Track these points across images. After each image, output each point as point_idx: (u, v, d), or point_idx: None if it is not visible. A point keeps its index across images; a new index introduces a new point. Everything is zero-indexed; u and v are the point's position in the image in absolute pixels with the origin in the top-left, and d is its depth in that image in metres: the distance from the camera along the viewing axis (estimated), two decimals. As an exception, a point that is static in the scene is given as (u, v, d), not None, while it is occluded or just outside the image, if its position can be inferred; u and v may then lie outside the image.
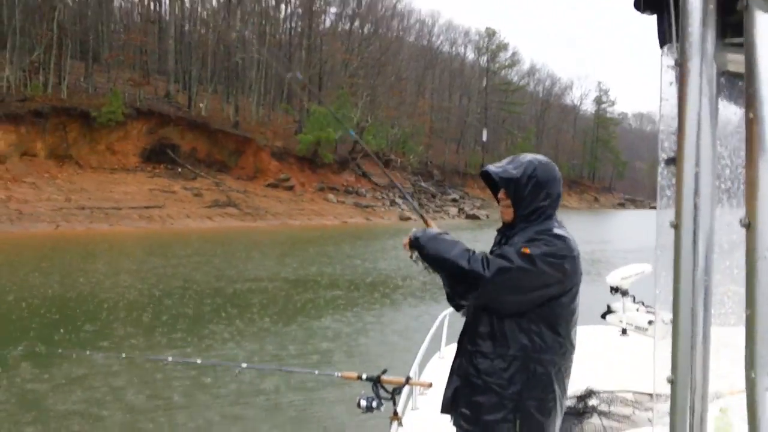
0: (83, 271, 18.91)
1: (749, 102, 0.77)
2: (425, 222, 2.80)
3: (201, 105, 51.90)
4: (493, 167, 2.65)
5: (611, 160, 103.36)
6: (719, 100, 0.93)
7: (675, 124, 0.95)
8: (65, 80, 43.97)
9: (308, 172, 53.33)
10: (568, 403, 3.40)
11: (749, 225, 0.75)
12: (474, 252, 2.46)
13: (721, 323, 1.01)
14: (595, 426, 3.40)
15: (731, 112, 0.85)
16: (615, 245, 31.29)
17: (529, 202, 2.56)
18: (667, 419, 0.98)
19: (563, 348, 2.53)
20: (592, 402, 3.64)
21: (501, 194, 2.63)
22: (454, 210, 57.12)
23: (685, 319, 0.94)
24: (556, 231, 2.53)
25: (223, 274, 18.87)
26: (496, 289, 2.42)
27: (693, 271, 0.94)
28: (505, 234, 2.65)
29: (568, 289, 2.51)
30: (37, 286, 15.91)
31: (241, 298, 15.22)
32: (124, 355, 5.42)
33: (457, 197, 63.19)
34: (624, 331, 5.59)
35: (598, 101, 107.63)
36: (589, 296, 2.99)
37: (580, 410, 3.56)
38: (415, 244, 2.57)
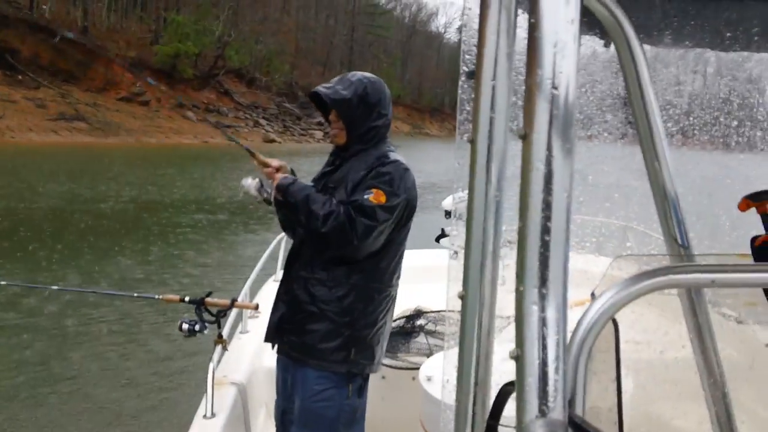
0: None
1: (532, 6, 0.75)
2: (255, 158, 2.63)
3: (44, 6, 47.07)
4: (322, 88, 2.51)
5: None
6: (519, 11, 0.90)
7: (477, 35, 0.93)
8: None
9: (165, 87, 50.57)
10: (399, 323, 3.52)
11: (525, 136, 0.73)
12: (339, 212, 2.33)
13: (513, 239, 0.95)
14: (421, 344, 3.45)
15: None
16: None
17: (362, 122, 2.47)
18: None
19: (398, 273, 2.54)
20: (420, 321, 3.67)
21: (332, 116, 2.51)
22: (319, 134, 56.68)
23: (476, 234, 0.94)
24: (393, 156, 2.48)
25: (68, 195, 17.99)
26: (361, 248, 2.37)
27: (486, 186, 0.93)
28: (339, 155, 2.55)
29: (411, 217, 2.52)
30: None
31: (84, 222, 14.57)
32: None
33: (323, 120, 62.47)
34: (456, 254, 5.79)
35: (462, 30, 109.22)
36: (428, 222, 3.04)
37: (408, 330, 3.60)
38: (284, 190, 2.46)
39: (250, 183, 2.56)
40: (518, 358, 0.72)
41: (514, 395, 0.75)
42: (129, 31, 54.34)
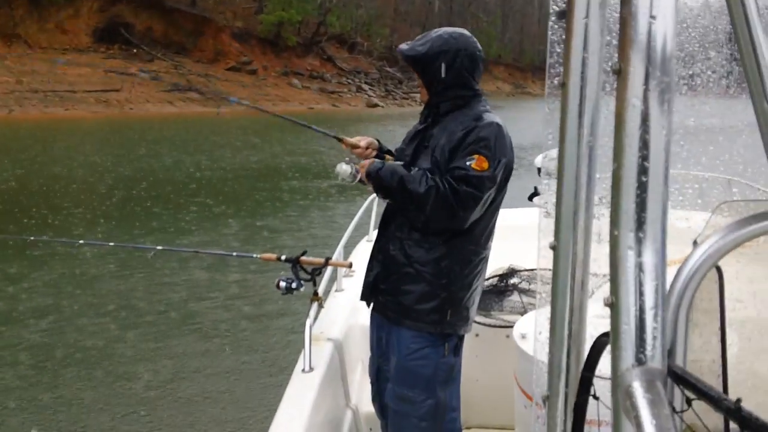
0: (35, 161, 18.81)
1: None
2: (343, 142, 2.64)
3: (155, -19, 49.18)
4: (403, 46, 2.48)
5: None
6: None
7: None
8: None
9: (271, 55, 51.74)
10: (492, 281, 3.50)
11: (620, 70, 0.69)
12: (440, 186, 2.29)
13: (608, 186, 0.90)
14: (514, 303, 3.42)
15: None
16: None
17: (440, 79, 2.38)
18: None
19: (492, 234, 2.52)
20: (513, 280, 3.63)
21: (416, 73, 2.48)
22: (420, 96, 56.47)
23: (569, 181, 0.90)
24: (489, 117, 2.39)
25: (182, 162, 18.95)
26: (466, 219, 2.34)
27: (578, 130, 0.88)
28: (431, 113, 2.49)
29: (508, 179, 2.48)
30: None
31: (196, 186, 15.37)
32: (32, 238, 5.37)
33: (423, 83, 62.20)
34: (548, 213, 5.51)
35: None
36: (522, 180, 2.90)
37: (502, 288, 3.55)
38: (374, 177, 2.43)
39: (344, 169, 2.55)
40: (613, 305, 0.70)
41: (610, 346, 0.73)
42: (235, 1, 55.85)
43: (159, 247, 3.72)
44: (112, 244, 4.39)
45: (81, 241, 4.39)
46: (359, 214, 4.58)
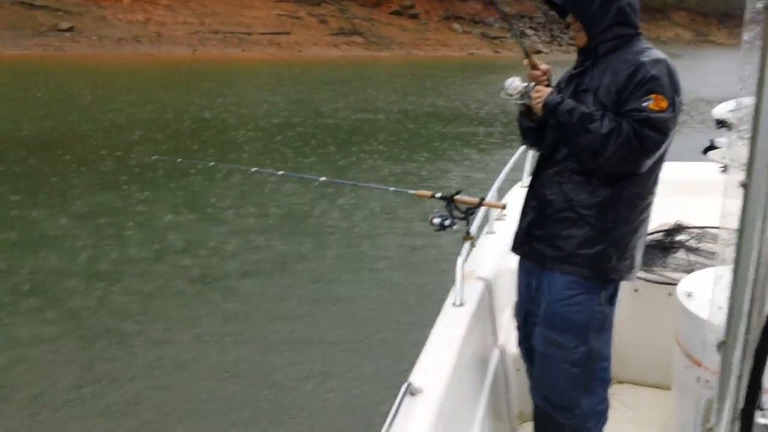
0: (217, 97, 20.49)
1: None
2: (528, 57, 2.46)
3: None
4: None
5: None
6: None
7: None
8: None
9: (435, -1, 51.51)
10: (656, 236, 3.36)
11: None
12: (622, 129, 2.14)
13: None
14: (680, 260, 3.19)
15: None
16: None
17: (601, 18, 2.24)
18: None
19: (658, 178, 2.36)
20: (680, 237, 3.39)
21: (570, 18, 2.33)
22: (587, 43, 53.86)
23: (765, 122, 0.82)
24: (656, 53, 2.22)
25: (347, 104, 19.78)
26: (646, 164, 2.20)
27: None
28: (589, 56, 2.33)
29: None
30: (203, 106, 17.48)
31: (359, 128, 16.20)
32: (212, 163, 5.78)
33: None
34: (726, 168, 5.01)
35: None
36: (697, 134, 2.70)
37: (666, 244, 3.33)
38: (551, 109, 2.29)
39: (516, 84, 2.38)
40: None
41: None
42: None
43: (323, 178, 3.84)
44: (281, 173, 4.67)
45: (254, 169, 4.71)
46: (514, 158, 4.50)
